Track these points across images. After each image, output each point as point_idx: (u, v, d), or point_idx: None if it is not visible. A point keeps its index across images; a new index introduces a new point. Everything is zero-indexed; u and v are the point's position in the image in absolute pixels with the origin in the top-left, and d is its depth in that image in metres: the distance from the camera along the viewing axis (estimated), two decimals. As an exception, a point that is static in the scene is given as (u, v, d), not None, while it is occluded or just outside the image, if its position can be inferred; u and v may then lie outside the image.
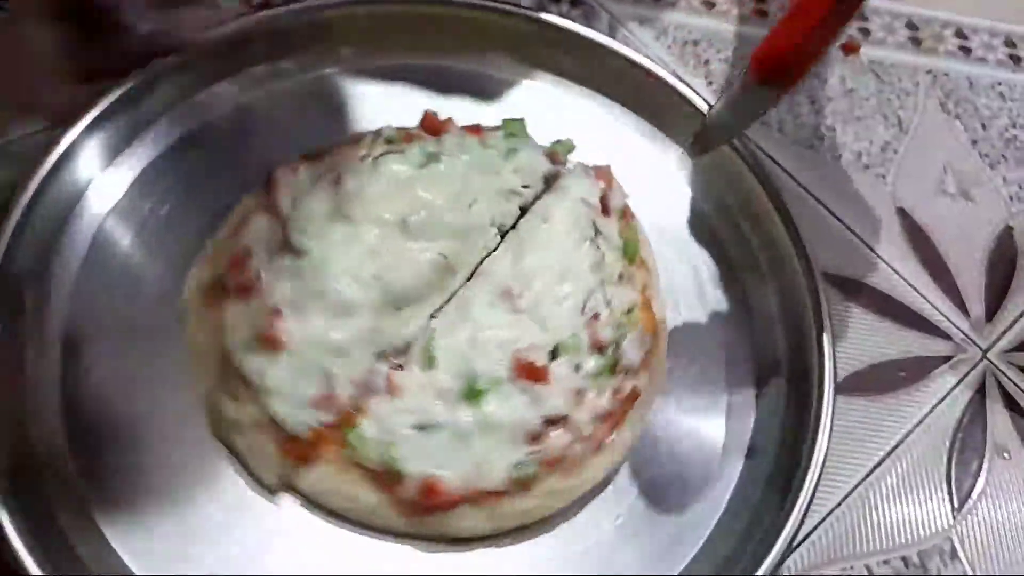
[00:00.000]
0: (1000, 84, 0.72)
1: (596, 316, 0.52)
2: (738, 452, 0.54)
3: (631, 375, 0.53)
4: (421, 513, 0.49)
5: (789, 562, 0.52)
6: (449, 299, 0.52)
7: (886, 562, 0.53)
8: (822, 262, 0.59)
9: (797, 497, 0.50)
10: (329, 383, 0.49)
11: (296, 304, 0.50)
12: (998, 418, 0.59)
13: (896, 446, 0.57)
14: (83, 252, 0.55)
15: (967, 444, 0.58)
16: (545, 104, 0.63)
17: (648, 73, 0.63)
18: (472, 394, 0.49)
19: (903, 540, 0.54)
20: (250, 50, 0.61)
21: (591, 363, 0.51)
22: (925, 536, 0.54)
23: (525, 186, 0.56)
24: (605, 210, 0.56)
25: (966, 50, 0.74)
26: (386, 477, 0.49)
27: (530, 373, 0.50)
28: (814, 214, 0.64)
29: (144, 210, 0.57)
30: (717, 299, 0.59)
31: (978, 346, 0.61)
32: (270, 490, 0.50)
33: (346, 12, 0.63)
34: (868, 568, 0.53)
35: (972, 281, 0.64)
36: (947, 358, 0.60)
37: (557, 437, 0.50)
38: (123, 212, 0.57)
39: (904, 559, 0.53)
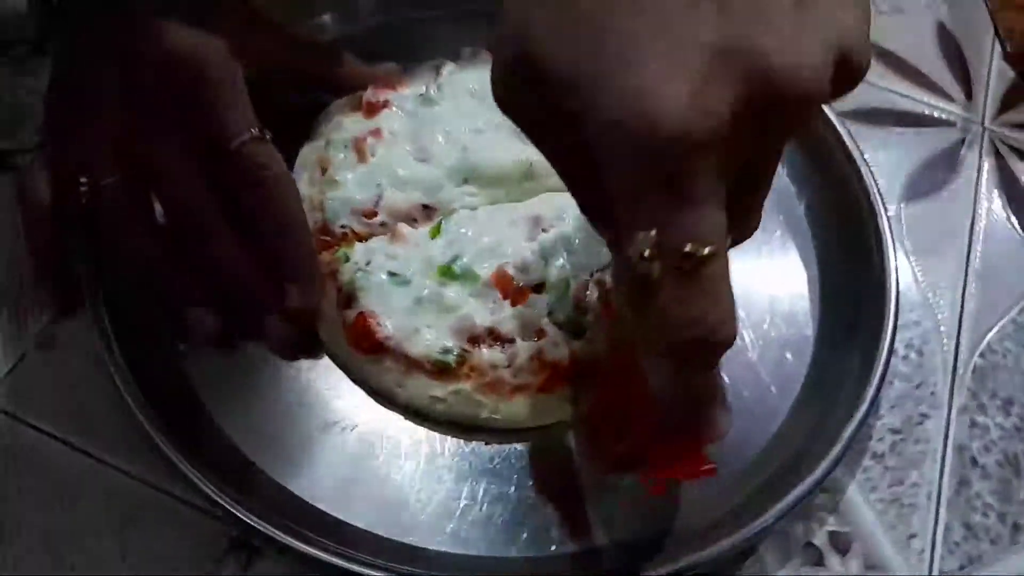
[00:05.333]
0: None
1: (602, 283, 0.53)
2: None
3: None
4: (358, 348, 0.53)
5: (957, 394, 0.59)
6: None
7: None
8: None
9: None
10: (378, 202, 0.55)
11: (396, 135, 0.57)
12: (1022, 172, 0.68)
13: (971, 224, 0.65)
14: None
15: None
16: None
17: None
18: (447, 272, 0.53)
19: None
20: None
21: (563, 314, 0.52)
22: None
23: None
24: None
25: None
26: (344, 298, 0.53)
27: (504, 287, 0.52)
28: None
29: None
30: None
31: (975, 122, 0.70)
32: None
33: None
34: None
35: (942, 75, 0.72)
36: (962, 140, 0.68)
37: (490, 351, 0.52)
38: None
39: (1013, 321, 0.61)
